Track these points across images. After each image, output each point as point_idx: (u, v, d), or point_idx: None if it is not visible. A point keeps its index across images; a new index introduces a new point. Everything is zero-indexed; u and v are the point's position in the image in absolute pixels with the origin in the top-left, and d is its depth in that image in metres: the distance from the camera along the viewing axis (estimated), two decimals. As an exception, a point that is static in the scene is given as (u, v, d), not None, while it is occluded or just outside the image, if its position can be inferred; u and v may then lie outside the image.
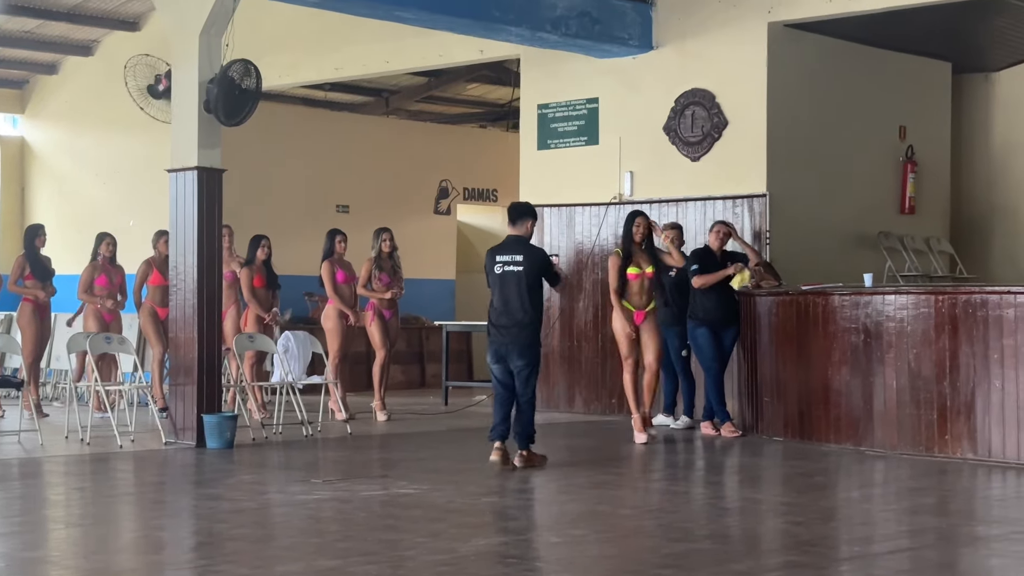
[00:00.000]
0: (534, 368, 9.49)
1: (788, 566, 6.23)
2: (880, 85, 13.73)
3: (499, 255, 9.61)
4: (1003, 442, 9.55)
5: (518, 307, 9.45)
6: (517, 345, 9.43)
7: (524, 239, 9.68)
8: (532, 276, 9.51)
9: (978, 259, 14.74)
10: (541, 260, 9.61)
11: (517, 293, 9.47)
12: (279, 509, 8.12)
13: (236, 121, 10.94)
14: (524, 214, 9.74)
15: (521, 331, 9.44)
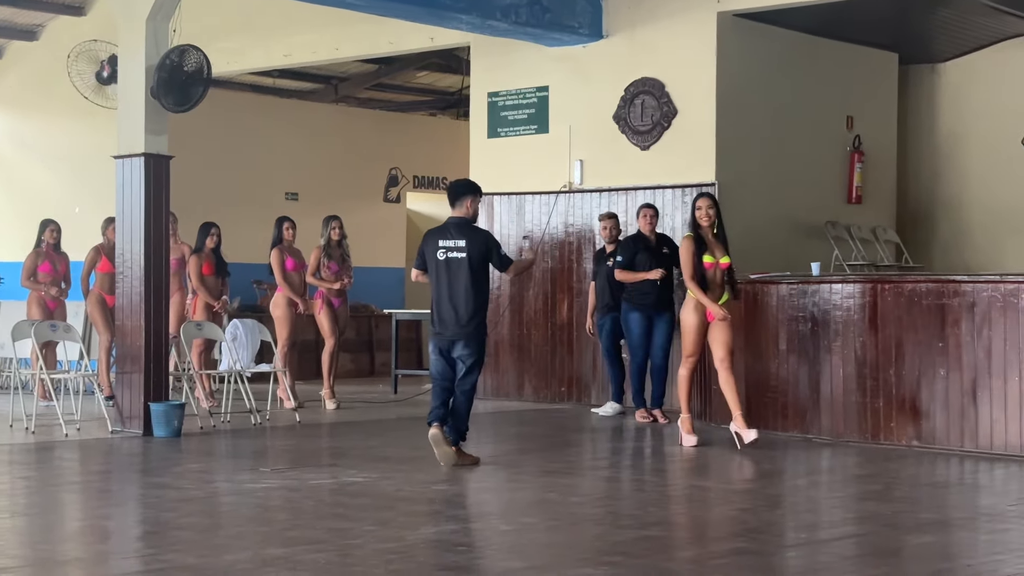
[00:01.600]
0: (479, 359, 8.95)
1: (736, 553, 6.27)
2: (828, 75, 13.83)
3: (441, 240, 8.95)
4: (947, 429, 9.65)
5: (462, 297, 8.84)
6: (463, 336, 8.86)
7: (467, 221, 9.01)
8: (478, 262, 8.89)
9: (923, 248, 14.89)
10: (487, 244, 8.97)
11: (462, 281, 8.84)
12: (227, 498, 8.08)
13: (184, 108, 10.87)
14: (464, 192, 9.05)
15: (467, 322, 8.85)
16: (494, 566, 6.06)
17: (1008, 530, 6.92)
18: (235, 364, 11.74)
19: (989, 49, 14.58)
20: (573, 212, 13.43)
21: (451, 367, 8.92)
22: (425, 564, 6.05)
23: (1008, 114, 14.48)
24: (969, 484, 8.64)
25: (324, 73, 17.54)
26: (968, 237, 14.76)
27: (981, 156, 14.72)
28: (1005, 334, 9.37)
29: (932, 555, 6.36)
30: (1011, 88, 14.46)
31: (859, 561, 6.24)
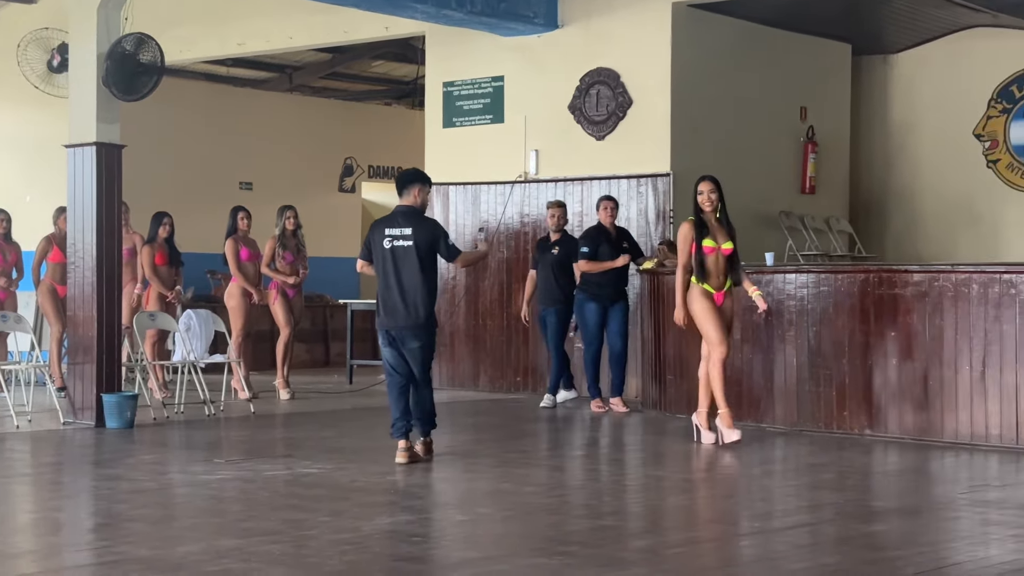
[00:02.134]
0: (430, 350, 8.71)
1: (690, 542, 6.30)
2: (782, 66, 13.89)
3: (388, 228, 8.69)
4: (899, 418, 9.73)
5: (410, 286, 8.58)
6: (410, 327, 8.59)
7: (415, 210, 8.75)
8: (425, 251, 8.62)
9: (876, 238, 14.99)
10: (433, 233, 8.70)
11: (408, 270, 8.58)
12: (180, 489, 8.04)
13: (136, 96, 10.78)
14: (411, 180, 8.80)
15: (415, 312, 8.57)
16: (449, 556, 6.05)
17: (959, 518, 6.98)
18: (189, 355, 11.67)
19: (940, 40, 14.69)
20: (528, 202, 13.43)
21: (404, 358, 8.68)
22: (380, 555, 6.04)
23: (959, 105, 14.61)
24: (921, 472, 8.71)
25: (278, 62, 17.44)
26: (920, 227, 14.88)
27: (933, 146, 14.83)
28: (956, 323, 9.46)
29: (885, 543, 6.41)
30: (962, 79, 14.58)
31: (813, 550, 6.29)
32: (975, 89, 14.52)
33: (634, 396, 12.14)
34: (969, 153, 14.58)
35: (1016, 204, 14.32)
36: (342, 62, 17.43)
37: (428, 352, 8.71)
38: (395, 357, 8.69)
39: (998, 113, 14.44)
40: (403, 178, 8.90)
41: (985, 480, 8.29)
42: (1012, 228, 14.28)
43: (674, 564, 5.76)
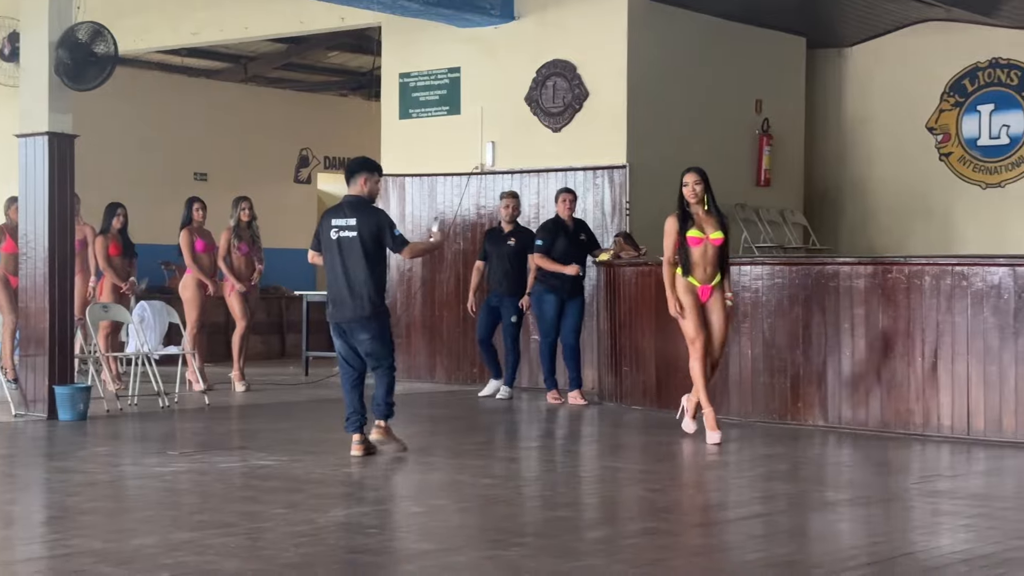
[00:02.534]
0: (383, 339, 8.53)
1: (645, 533, 6.32)
2: (737, 59, 13.94)
3: (334, 219, 8.54)
4: (852, 409, 9.81)
5: (356, 278, 8.44)
6: (358, 319, 8.46)
7: (362, 200, 8.56)
8: (369, 242, 8.45)
9: (830, 231, 15.09)
10: (379, 223, 8.50)
11: (354, 262, 8.44)
12: (134, 482, 7.99)
13: (88, 86, 10.68)
14: (358, 170, 8.61)
15: (361, 304, 8.44)
16: (405, 548, 6.05)
17: (911, 508, 7.05)
18: (142, 346, 11.59)
19: (894, 34, 14.79)
20: (485, 194, 13.42)
21: (355, 350, 8.58)
22: (336, 547, 6.03)
23: (912, 98, 14.72)
24: (874, 463, 8.78)
25: (233, 52, 17.34)
26: (874, 219, 14.99)
27: (886, 139, 14.94)
28: (909, 315, 9.53)
29: (838, 534, 6.46)
30: (915, 72, 14.69)
31: (767, 540, 6.32)
32: (928, 83, 14.63)
33: (590, 388, 12.16)
34: (922, 146, 14.70)
35: (967, 197, 14.45)
36: (298, 52, 17.34)
37: (381, 343, 8.52)
38: (347, 349, 8.59)
39: (950, 107, 14.56)
40: (350, 167, 8.70)
41: (937, 470, 8.37)
42: (963, 221, 14.41)
43: (629, 555, 5.78)
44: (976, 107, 14.41)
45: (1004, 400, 9.16)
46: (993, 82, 14.30)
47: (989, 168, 14.37)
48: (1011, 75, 14.18)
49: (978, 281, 9.28)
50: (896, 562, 5.67)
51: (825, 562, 5.76)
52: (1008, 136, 14.23)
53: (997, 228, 14.07)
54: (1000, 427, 9.17)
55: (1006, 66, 14.21)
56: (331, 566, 5.62)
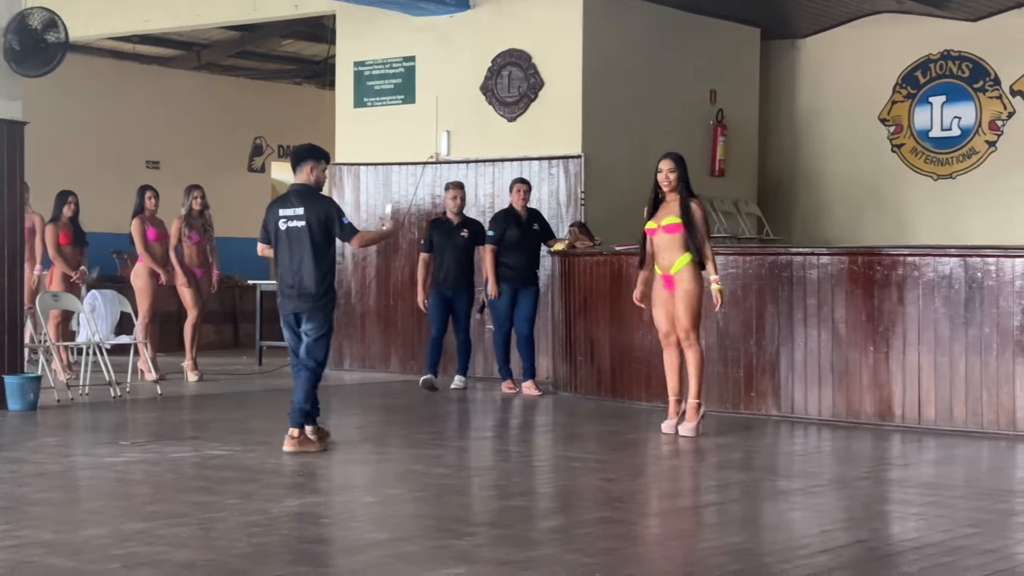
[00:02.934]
0: (325, 334, 8.39)
1: (600, 522, 6.33)
2: (692, 49, 13.97)
3: (282, 209, 8.38)
4: (805, 399, 9.87)
5: (305, 268, 8.30)
6: (307, 310, 8.34)
7: (310, 189, 8.41)
8: (318, 231, 8.30)
9: (784, 221, 15.17)
10: (327, 212, 8.36)
11: (303, 251, 8.29)
12: (85, 472, 7.92)
13: (38, 73, 10.57)
14: (304, 157, 8.43)
15: (311, 294, 8.32)
16: (359, 538, 6.03)
17: (861, 496, 7.10)
18: (94, 336, 11.50)
19: (847, 25, 14.87)
20: (440, 183, 13.38)
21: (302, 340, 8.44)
22: (289, 537, 6.00)
23: (865, 90, 14.81)
24: (826, 452, 8.84)
25: (186, 39, 17.21)
26: (827, 210, 15.08)
27: (839, 130, 15.03)
28: (861, 305, 9.60)
29: (790, 522, 6.50)
30: (868, 64, 14.78)
31: (720, 528, 6.35)
32: (880, 74, 14.73)
33: (545, 377, 12.18)
34: (874, 137, 14.80)
35: (919, 188, 14.56)
36: (251, 40, 17.24)
37: (323, 338, 8.38)
38: (296, 342, 8.48)
39: (902, 98, 14.66)
40: (296, 154, 8.54)
41: (888, 459, 8.44)
42: (915, 211, 14.53)
43: (582, 543, 5.79)
44: (928, 99, 14.52)
45: (955, 390, 9.24)
46: (945, 74, 14.41)
47: (940, 159, 14.48)
48: (963, 67, 14.29)
49: (929, 272, 9.36)
50: (847, 550, 5.71)
51: (777, 550, 5.79)
52: (959, 128, 14.35)
53: (948, 219, 14.19)
54: (951, 416, 9.25)
55: (958, 58, 14.32)
56: (284, 556, 5.60)
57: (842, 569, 5.37)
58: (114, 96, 16.78)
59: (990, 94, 14.14)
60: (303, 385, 8.37)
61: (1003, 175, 14.04)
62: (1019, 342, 9.02)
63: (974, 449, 8.63)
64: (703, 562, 5.62)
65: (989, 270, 9.16)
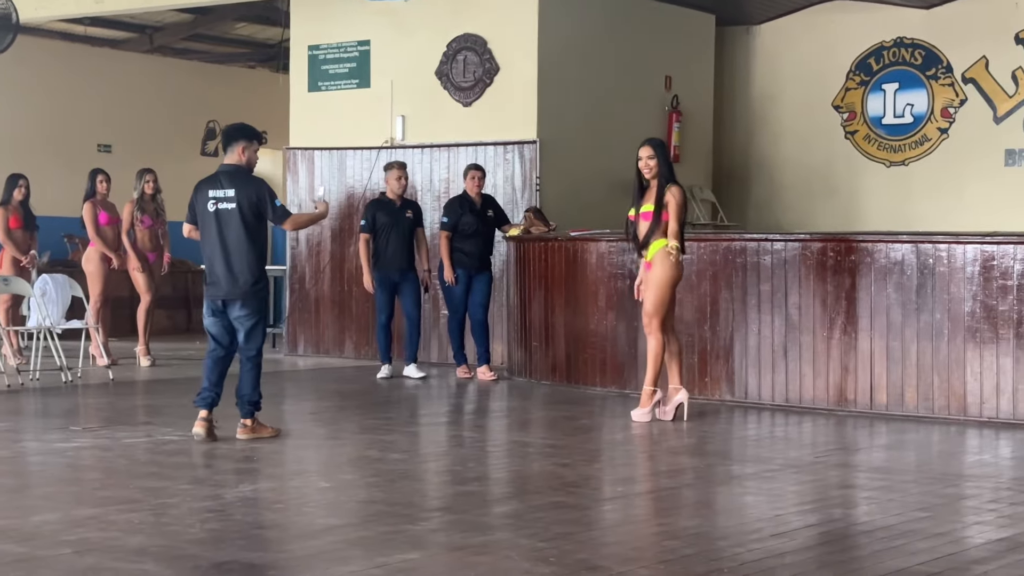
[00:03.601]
0: (259, 320, 8.14)
1: (553, 506, 6.34)
2: (648, 35, 13.98)
3: (211, 190, 8.13)
4: (759, 384, 9.91)
5: (235, 252, 8.04)
6: (238, 296, 8.05)
7: (241, 170, 8.17)
8: (249, 213, 8.05)
9: (738, 207, 15.23)
10: (258, 193, 8.09)
11: (234, 234, 8.04)
12: (36, 458, 7.85)
13: (-11, 54, 10.46)
14: (236, 137, 8.20)
15: (241, 280, 8.04)
16: (312, 523, 6.01)
17: (814, 481, 7.14)
18: (44, 320, 11.39)
19: (802, 12, 14.94)
20: (395, 168, 13.33)
21: (228, 330, 8.19)
22: (242, 522, 5.97)
23: (819, 76, 14.88)
24: (779, 437, 8.89)
25: (138, 22, 17.04)
26: (781, 196, 15.15)
27: (793, 117, 15.09)
28: (813, 291, 9.65)
29: (743, 506, 6.53)
30: (822, 51, 14.85)
31: (673, 513, 6.38)
32: (834, 61, 14.80)
33: (500, 363, 12.17)
34: (828, 124, 14.87)
35: (872, 174, 14.66)
36: (204, 23, 17.08)
37: (257, 324, 8.15)
38: (218, 328, 8.20)
39: (856, 85, 14.74)
40: (226, 134, 8.29)
41: (840, 444, 8.49)
42: (868, 198, 14.62)
43: (537, 528, 5.80)
44: (881, 86, 14.61)
45: (906, 375, 9.31)
46: (898, 61, 14.50)
47: (893, 146, 14.58)
48: (915, 54, 14.38)
49: (881, 258, 9.42)
50: (800, 533, 5.74)
51: (730, 534, 5.82)
52: (912, 115, 14.45)
53: (901, 206, 14.29)
54: (902, 402, 9.32)
55: (911, 45, 14.41)
56: (237, 541, 5.57)
57: (794, 552, 5.40)
58: (65, 79, 16.61)
59: (942, 81, 14.24)
60: (249, 376, 8.19)
61: (955, 162, 14.16)
62: (970, 328, 9.10)
63: (925, 434, 8.71)
64: (656, 546, 5.64)
65: (941, 256, 9.23)
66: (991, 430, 8.82)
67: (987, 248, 9.09)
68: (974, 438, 8.61)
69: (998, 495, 6.66)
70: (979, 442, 8.50)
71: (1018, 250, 8.98)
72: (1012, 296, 8.97)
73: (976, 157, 14.02)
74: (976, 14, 14.01)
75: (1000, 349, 9.00)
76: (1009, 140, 13.90)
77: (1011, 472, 7.57)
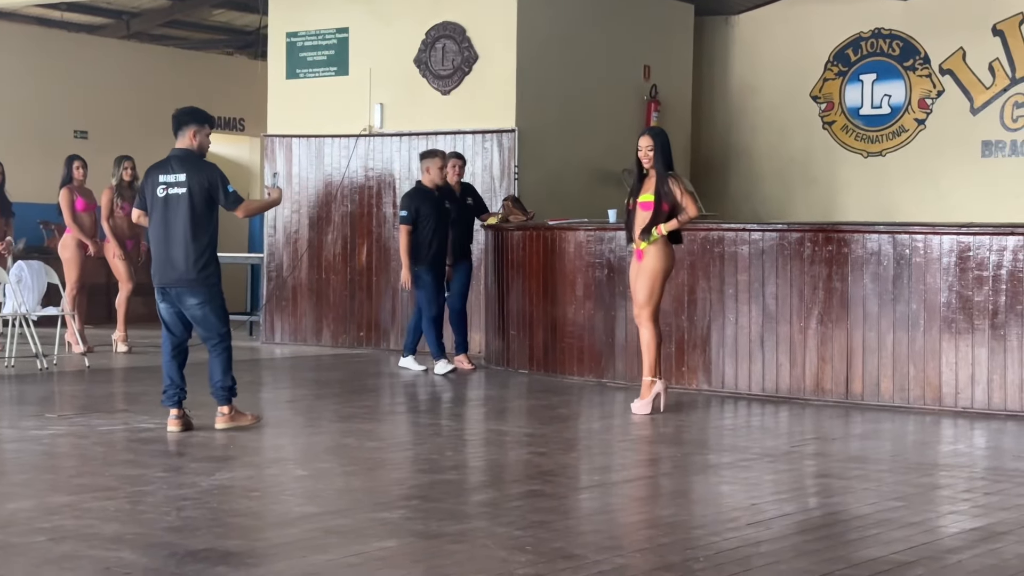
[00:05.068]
0: (213, 306, 7.96)
1: (530, 495, 6.35)
2: (626, 25, 13.98)
3: (161, 175, 7.94)
4: (736, 374, 9.94)
5: (184, 238, 7.85)
6: (186, 283, 7.92)
7: (192, 154, 8.00)
8: (199, 199, 7.87)
9: (716, 197, 15.22)
10: (210, 179, 7.92)
11: (182, 220, 7.85)
12: (10, 445, 7.82)
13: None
14: (187, 121, 8.01)
15: (189, 266, 7.87)
16: (289, 511, 6.00)
17: (790, 470, 7.17)
18: (20, 307, 11.33)
19: (780, 3, 14.96)
20: (373, 156, 13.33)
21: (180, 318, 8.08)
22: (218, 510, 5.96)
23: (797, 67, 14.90)
24: (756, 427, 8.92)
25: (114, 7, 16.95)
26: (758, 187, 15.18)
27: (772, 107, 15.12)
28: (790, 281, 9.68)
29: (718, 495, 6.55)
30: (801, 42, 14.87)
31: (650, 502, 6.39)
32: (812, 52, 14.83)
33: (477, 352, 12.17)
34: (806, 115, 14.90)
35: (850, 165, 14.70)
36: (182, 10, 17.01)
37: (211, 309, 7.98)
38: (171, 315, 8.10)
39: (834, 76, 14.77)
40: (178, 118, 8.08)
41: (816, 433, 8.53)
42: (846, 188, 14.66)
43: (513, 517, 5.80)
44: (859, 76, 14.64)
45: (882, 365, 9.35)
46: (876, 52, 14.54)
47: (871, 137, 14.62)
48: (893, 45, 14.42)
49: (858, 248, 9.45)
50: (776, 522, 5.77)
51: (706, 523, 5.84)
52: (889, 106, 14.49)
53: (878, 196, 14.34)
54: (878, 391, 9.36)
55: (888, 36, 14.45)
56: (213, 529, 5.56)
57: (770, 541, 5.42)
58: (41, 65, 16.51)
59: (920, 72, 14.29)
60: (218, 363, 8.07)
61: (932, 153, 14.20)
62: (945, 318, 9.14)
63: (900, 424, 8.75)
64: (633, 535, 5.66)
65: (917, 247, 9.27)
66: (966, 420, 8.86)
67: (963, 239, 9.13)
68: (949, 428, 8.65)
69: (972, 484, 6.69)
70: (954, 432, 8.54)
71: (994, 241, 9.02)
72: (988, 287, 9.01)
73: (953, 148, 14.07)
74: (953, 5, 14.05)
75: (976, 339, 9.05)
76: (986, 131, 13.95)
77: (985, 462, 7.62)
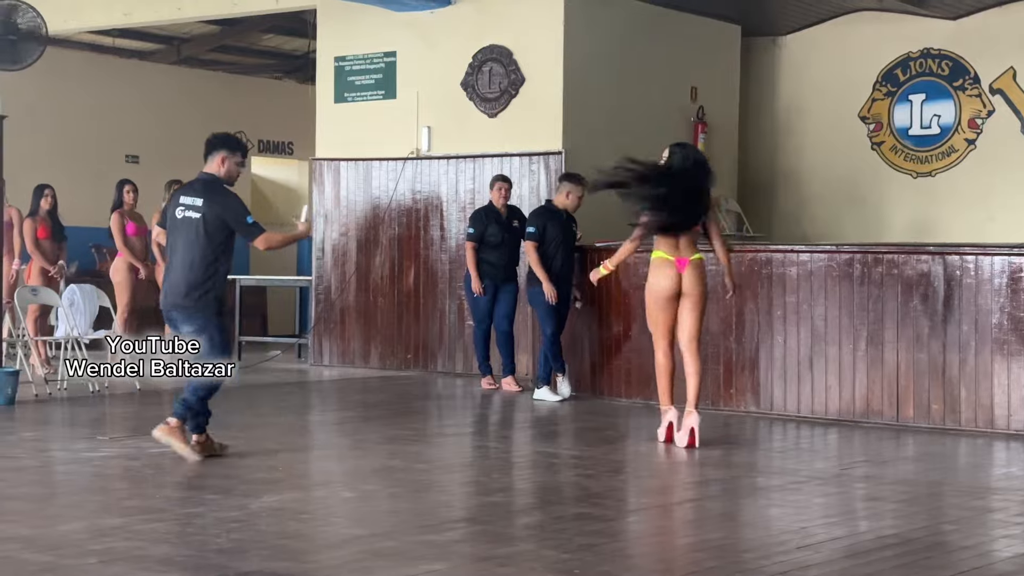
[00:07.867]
0: (207, 336, 7.62)
1: (579, 518, 6.33)
2: (673, 46, 13.97)
3: (183, 196, 7.78)
4: (784, 396, 9.89)
5: (187, 262, 7.62)
6: (179, 308, 7.67)
7: (216, 180, 7.80)
8: (213, 227, 7.64)
9: (763, 218, 15.18)
10: (229, 208, 7.69)
11: (190, 245, 7.62)
12: (62, 467, 7.89)
13: (18, 66, 10.52)
14: (217, 146, 7.86)
15: (186, 294, 7.63)
16: (337, 534, 6.02)
17: (840, 493, 7.12)
18: (72, 330, 11.45)
19: (828, 23, 14.89)
20: (420, 179, 13.38)
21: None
22: (267, 532, 5.99)
23: (845, 88, 14.83)
24: (805, 449, 8.86)
25: (166, 33, 17.14)
26: (806, 208, 15.10)
27: (819, 128, 15.04)
28: (840, 302, 9.62)
29: (769, 518, 6.51)
30: (849, 62, 14.80)
31: (698, 525, 6.36)
32: (860, 72, 14.75)
33: (524, 374, 12.17)
34: (854, 135, 14.82)
35: (899, 186, 14.59)
36: (232, 35, 17.18)
37: (207, 340, 7.63)
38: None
39: (882, 96, 14.69)
40: (211, 142, 7.93)
41: (867, 456, 8.46)
42: (894, 209, 14.55)
43: (561, 540, 5.79)
44: (908, 97, 14.55)
45: (933, 387, 9.27)
46: (925, 72, 14.44)
47: (920, 157, 14.52)
48: (942, 65, 14.33)
49: (908, 270, 9.39)
50: (826, 546, 5.72)
51: (755, 547, 5.80)
52: (939, 126, 14.38)
53: (927, 217, 14.22)
54: (929, 414, 9.28)
55: (937, 56, 14.36)
56: (262, 552, 5.58)
57: (820, 565, 5.38)
58: (93, 90, 16.71)
59: (969, 92, 14.18)
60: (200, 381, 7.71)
61: (982, 173, 14.08)
62: (997, 340, 9.06)
63: (952, 446, 8.67)
64: (681, 558, 5.63)
65: (968, 268, 9.19)
66: (1018, 443, 8.77)
67: (1015, 260, 9.05)
68: (1001, 451, 8.56)
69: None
70: (1006, 455, 8.45)
71: (1046, 262, 8.93)
72: (1040, 308, 8.91)
73: (1004, 168, 13.94)
74: (1003, 25, 13.94)
75: (1028, 361, 8.95)
76: (1036, 151, 13.82)
77: (1039, 485, 7.53)
